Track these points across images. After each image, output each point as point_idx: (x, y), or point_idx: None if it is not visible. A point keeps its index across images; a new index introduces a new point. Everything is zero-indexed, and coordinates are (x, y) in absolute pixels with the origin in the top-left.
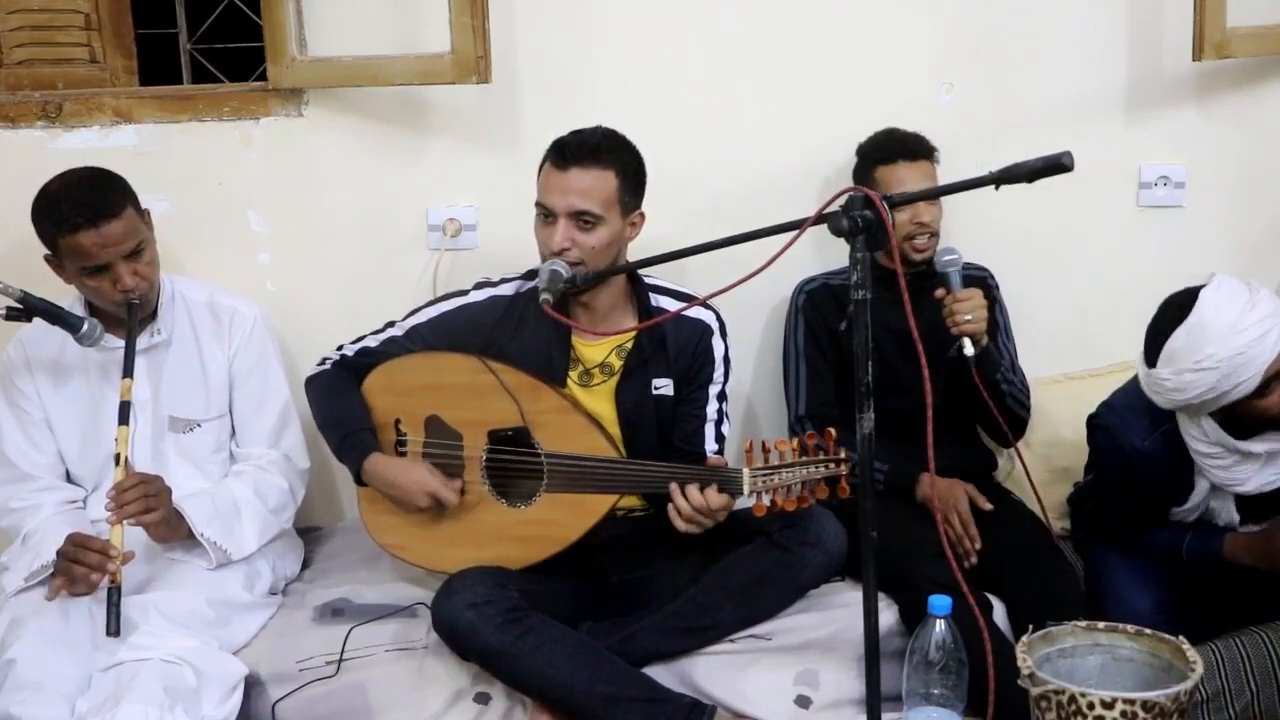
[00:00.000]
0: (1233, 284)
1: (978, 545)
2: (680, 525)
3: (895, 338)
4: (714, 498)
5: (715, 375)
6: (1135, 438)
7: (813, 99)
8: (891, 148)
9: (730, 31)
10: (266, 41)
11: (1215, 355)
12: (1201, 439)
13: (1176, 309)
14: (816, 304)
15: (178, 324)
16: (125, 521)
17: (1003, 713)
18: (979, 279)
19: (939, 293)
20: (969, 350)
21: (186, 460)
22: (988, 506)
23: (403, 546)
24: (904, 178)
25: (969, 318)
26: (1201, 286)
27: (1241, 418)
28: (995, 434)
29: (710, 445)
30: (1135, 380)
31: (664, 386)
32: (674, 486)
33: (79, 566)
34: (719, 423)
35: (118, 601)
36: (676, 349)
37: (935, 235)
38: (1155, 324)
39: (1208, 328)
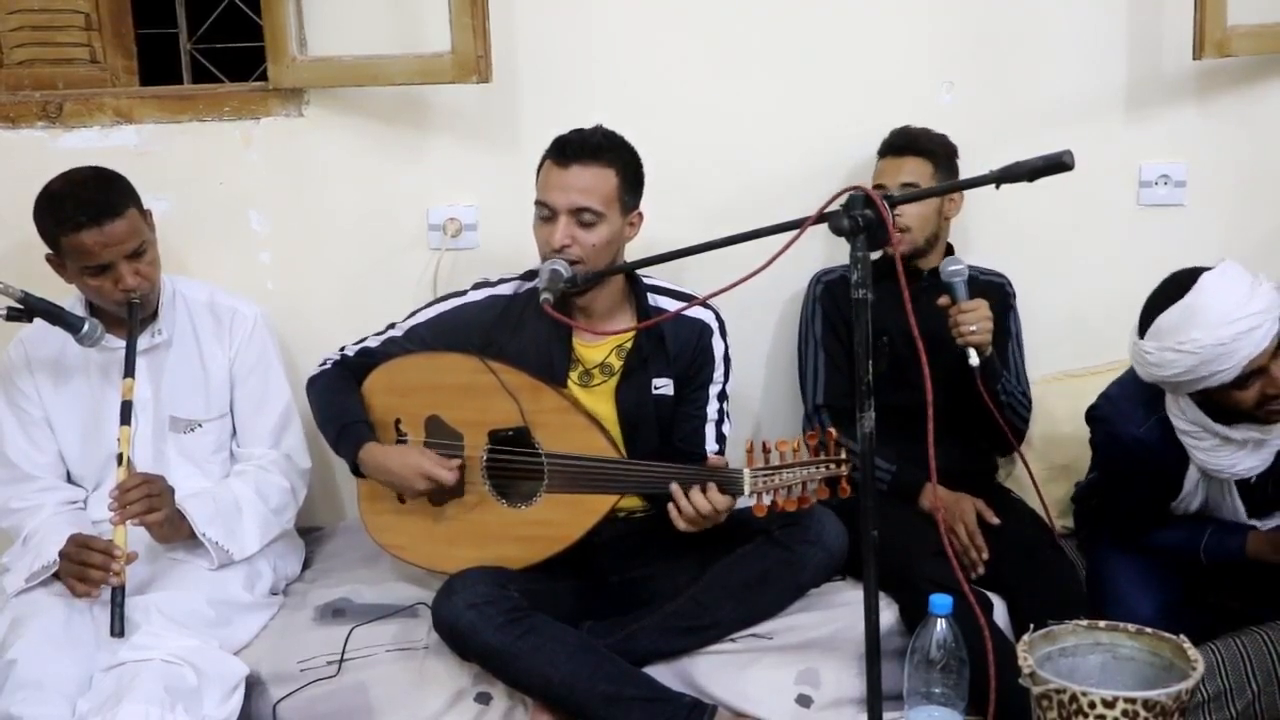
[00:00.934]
0: (1237, 273)
1: (985, 556)
2: (681, 525)
3: (908, 335)
4: (715, 498)
5: (715, 375)
6: (1132, 426)
7: (812, 99)
8: (888, 142)
9: (730, 31)
10: (267, 41)
11: (1199, 340)
12: (1180, 416)
13: (1176, 286)
14: (834, 294)
15: (178, 324)
16: (128, 521)
17: (1004, 712)
18: (996, 285)
19: (942, 301)
20: (974, 360)
21: (187, 460)
22: (995, 521)
23: (403, 546)
24: (885, 171)
25: (974, 328)
26: (1208, 269)
27: (1219, 404)
28: (995, 441)
29: (711, 445)
30: (1131, 370)
31: (664, 386)
32: (675, 487)
33: (82, 567)
34: (719, 423)
35: (121, 602)
36: (676, 348)
37: (907, 231)
38: (1154, 296)
39: (1199, 312)
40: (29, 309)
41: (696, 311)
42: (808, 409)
